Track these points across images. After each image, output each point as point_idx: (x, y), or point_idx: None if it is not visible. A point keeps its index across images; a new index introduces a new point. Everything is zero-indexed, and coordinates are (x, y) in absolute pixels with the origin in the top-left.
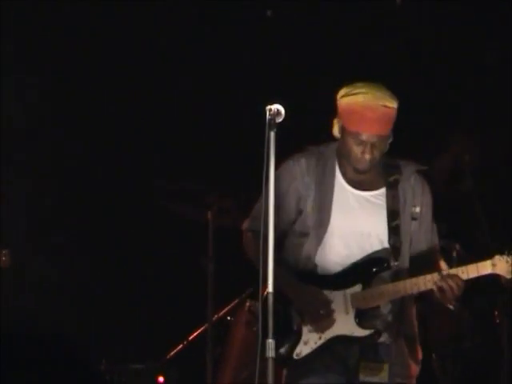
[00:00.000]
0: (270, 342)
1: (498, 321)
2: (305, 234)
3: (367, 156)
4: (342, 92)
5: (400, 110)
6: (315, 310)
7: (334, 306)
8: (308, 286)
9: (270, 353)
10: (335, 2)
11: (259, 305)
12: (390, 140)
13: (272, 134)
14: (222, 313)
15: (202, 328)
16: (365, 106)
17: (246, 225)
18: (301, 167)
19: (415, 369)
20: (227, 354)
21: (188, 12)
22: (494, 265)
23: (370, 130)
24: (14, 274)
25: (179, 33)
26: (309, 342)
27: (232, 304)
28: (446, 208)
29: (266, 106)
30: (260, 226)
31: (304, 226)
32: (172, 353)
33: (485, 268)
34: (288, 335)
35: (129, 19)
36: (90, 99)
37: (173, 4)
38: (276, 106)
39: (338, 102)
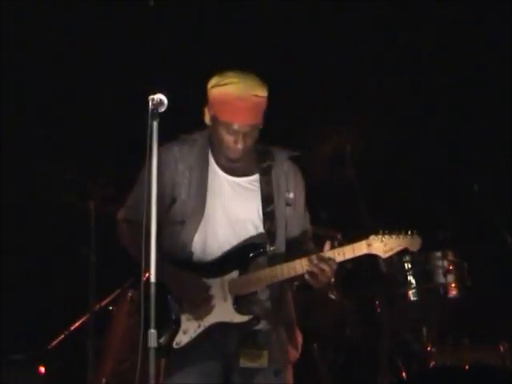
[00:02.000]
0: (152, 332)
1: (378, 310)
2: (180, 222)
3: (239, 145)
4: (213, 82)
5: (283, 98)
6: (193, 297)
7: (212, 293)
8: (185, 272)
9: (152, 343)
10: None
11: (141, 295)
12: (261, 127)
13: (155, 124)
14: (103, 303)
15: (83, 318)
16: (236, 97)
17: (120, 215)
18: (174, 155)
19: (294, 354)
20: (108, 344)
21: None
22: (369, 245)
23: (243, 120)
24: None
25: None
26: (188, 330)
27: (114, 294)
28: (328, 196)
29: (149, 95)
30: (135, 215)
31: (179, 213)
32: (53, 343)
33: (360, 248)
34: (167, 324)
35: None
36: None
37: None
38: (158, 96)
39: (209, 92)
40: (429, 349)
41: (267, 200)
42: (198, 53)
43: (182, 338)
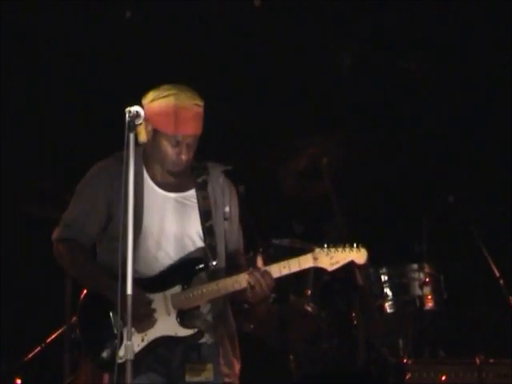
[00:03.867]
0: (129, 344)
1: (355, 322)
2: (118, 239)
3: (184, 157)
4: (151, 96)
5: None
6: (135, 311)
7: (154, 307)
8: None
9: (129, 355)
10: None
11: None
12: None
13: (131, 136)
14: None
15: (60, 330)
16: (179, 107)
17: (56, 234)
18: (109, 172)
19: (238, 366)
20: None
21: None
22: (315, 258)
23: (186, 131)
24: None
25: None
26: (131, 345)
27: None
28: (304, 209)
29: (126, 107)
30: (73, 234)
31: (117, 230)
32: (30, 355)
33: (306, 261)
34: (109, 339)
35: None
36: None
37: None
38: (135, 108)
39: (147, 107)
40: (405, 361)
41: (205, 215)
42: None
43: (124, 353)
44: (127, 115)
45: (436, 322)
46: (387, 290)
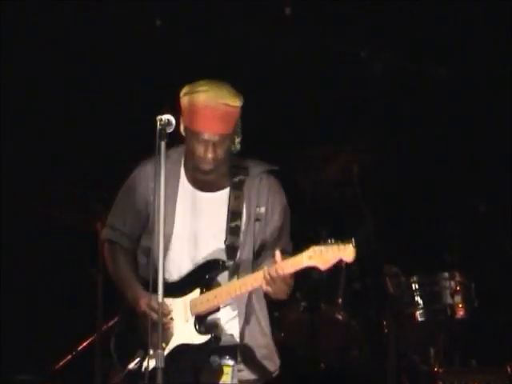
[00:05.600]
0: (160, 352)
1: (385, 330)
2: (149, 242)
3: (210, 155)
4: (184, 90)
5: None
6: (154, 321)
7: (175, 314)
8: (147, 295)
9: (160, 363)
10: None
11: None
12: (239, 139)
13: (162, 144)
14: (111, 323)
15: (90, 339)
16: (205, 105)
17: (102, 235)
18: (146, 173)
19: (268, 369)
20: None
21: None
22: (310, 257)
23: (211, 129)
24: None
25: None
26: (154, 354)
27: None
28: (334, 216)
29: (157, 115)
30: (115, 236)
31: (150, 232)
32: (60, 363)
33: (301, 261)
34: (136, 350)
35: None
36: None
37: None
38: (166, 116)
39: (181, 100)
40: (436, 370)
41: (233, 215)
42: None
43: (150, 363)
44: (158, 123)
45: (467, 330)
46: (418, 299)
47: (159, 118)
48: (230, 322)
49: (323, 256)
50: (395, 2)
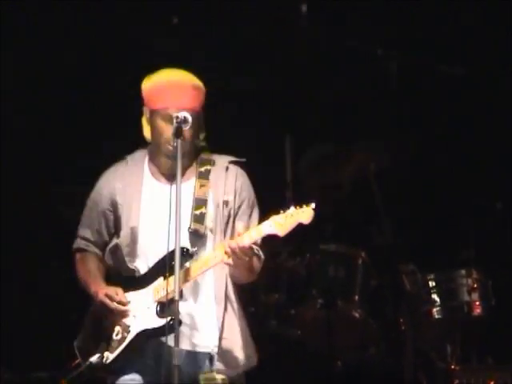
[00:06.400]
0: (177, 349)
1: (402, 327)
2: (116, 239)
3: None
4: (148, 77)
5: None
6: (111, 308)
7: (139, 303)
8: (102, 284)
9: (176, 360)
10: None
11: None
12: (203, 135)
13: (179, 142)
14: None
15: None
16: (171, 82)
17: (74, 245)
18: (109, 177)
19: (243, 359)
20: None
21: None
22: (269, 225)
23: (179, 103)
24: None
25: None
26: (116, 345)
27: None
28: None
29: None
30: (83, 243)
31: (118, 230)
32: (77, 361)
33: (259, 231)
34: (99, 343)
35: None
36: None
37: None
38: (183, 114)
39: (143, 89)
40: (453, 367)
41: (198, 202)
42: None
43: (110, 353)
44: (175, 121)
45: (484, 328)
46: (435, 296)
47: (175, 115)
48: (209, 312)
49: (282, 223)
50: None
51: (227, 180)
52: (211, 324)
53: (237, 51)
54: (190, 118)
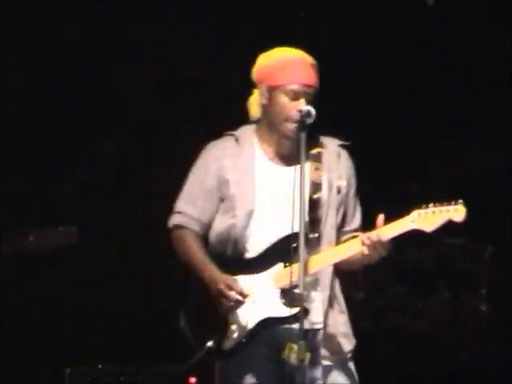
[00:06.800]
0: (302, 343)
1: None
2: (231, 218)
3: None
4: (262, 57)
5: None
6: (231, 299)
7: (257, 288)
8: (217, 271)
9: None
10: None
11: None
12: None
13: (303, 135)
14: None
15: None
16: (294, 58)
17: (170, 222)
18: (217, 151)
19: (348, 346)
20: None
21: None
22: (413, 221)
23: (304, 80)
24: None
25: None
26: (235, 331)
27: None
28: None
29: None
30: (184, 220)
31: (230, 211)
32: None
33: (405, 225)
34: (214, 327)
35: None
36: None
37: None
38: (306, 107)
39: (259, 69)
40: None
41: (314, 187)
42: None
43: (229, 339)
44: (298, 114)
45: None
46: None
47: (299, 108)
48: (314, 300)
49: (428, 219)
50: None
51: (340, 164)
52: (317, 308)
53: None
54: (313, 112)
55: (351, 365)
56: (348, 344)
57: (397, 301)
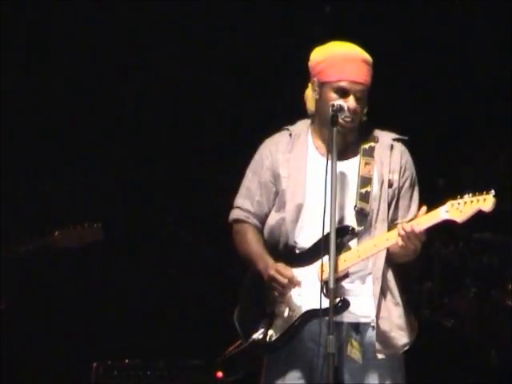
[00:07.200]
0: (331, 338)
1: None
2: (282, 213)
3: (353, 104)
4: (316, 51)
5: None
6: (281, 284)
7: (304, 281)
8: (272, 260)
9: (331, 349)
10: None
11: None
12: (366, 109)
13: (335, 130)
14: None
15: None
16: (346, 53)
17: (230, 217)
18: (271, 148)
19: (404, 339)
20: None
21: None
22: (446, 211)
23: (353, 77)
24: None
25: None
26: (281, 323)
27: None
28: None
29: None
30: (242, 214)
31: (282, 204)
32: (231, 348)
33: (438, 215)
34: (261, 320)
35: None
36: None
37: None
38: (339, 102)
39: (312, 62)
40: None
41: (364, 180)
42: None
43: (274, 332)
44: (330, 109)
45: None
46: None
47: (331, 103)
48: (360, 293)
49: (460, 209)
50: None
51: (392, 158)
52: (367, 302)
53: None
54: (345, 107)
55: (402, 360)
56: (404, 337)
57: (424, 296)
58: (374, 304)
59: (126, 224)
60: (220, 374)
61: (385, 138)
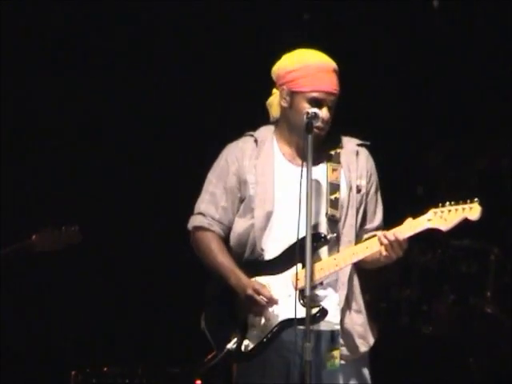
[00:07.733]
0: (308, 345)
1: None
2: (250, 220)
3: (325, 113)
4: (284, 60)
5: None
6: (260, 304)
7: (277, 290)
8: (244, 276)
9: (308, 356)
10: None
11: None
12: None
13: (310, 137)
14: None
15: None
16: (318, 65)
17: (190, 223)
18: (237, 152)
19: (364, 348)
20: None
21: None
22: (429, 220)
23: (325, 87)
24: None
25: None
26: (256, 332)
27: None
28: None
29: None
30: (205, 222)
31: (249, 211)
32: (210, 356)
33: (420, 224)
34: (233, 329)
35: None
36: None
37: None
38: (313, 110)
39: (280, 71)
40: None
41: (332, 187)
42: None
43: (250, 341)
44: (305, 117)
45: None
46: None
47: (306, 111)
48: (331, 299)
49: (444, 217)
50: None
51: (358, 164)
52: (333, 307)
53: None
54: (320, 114)
55: (365, 367)
56: (363, 345)
57: (402, 303)
58: (338, 310)
59: (102, 229)
60: (199, 383)
61: (349, 144)
